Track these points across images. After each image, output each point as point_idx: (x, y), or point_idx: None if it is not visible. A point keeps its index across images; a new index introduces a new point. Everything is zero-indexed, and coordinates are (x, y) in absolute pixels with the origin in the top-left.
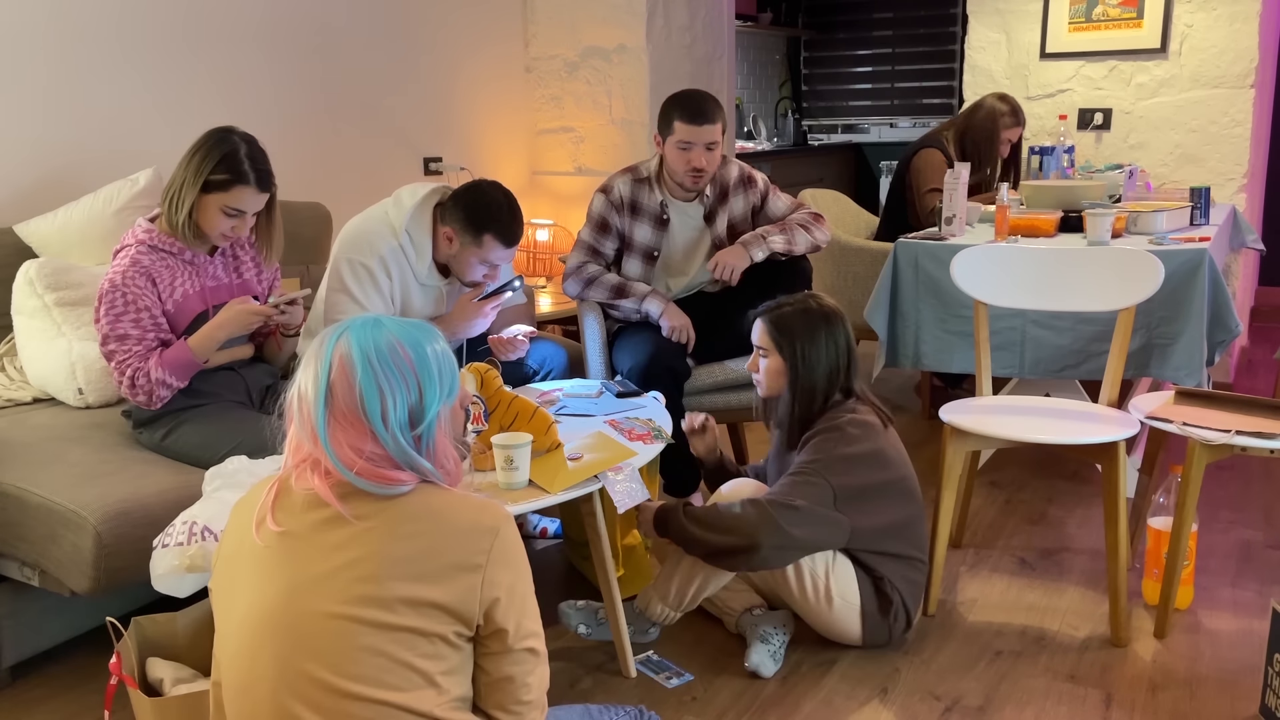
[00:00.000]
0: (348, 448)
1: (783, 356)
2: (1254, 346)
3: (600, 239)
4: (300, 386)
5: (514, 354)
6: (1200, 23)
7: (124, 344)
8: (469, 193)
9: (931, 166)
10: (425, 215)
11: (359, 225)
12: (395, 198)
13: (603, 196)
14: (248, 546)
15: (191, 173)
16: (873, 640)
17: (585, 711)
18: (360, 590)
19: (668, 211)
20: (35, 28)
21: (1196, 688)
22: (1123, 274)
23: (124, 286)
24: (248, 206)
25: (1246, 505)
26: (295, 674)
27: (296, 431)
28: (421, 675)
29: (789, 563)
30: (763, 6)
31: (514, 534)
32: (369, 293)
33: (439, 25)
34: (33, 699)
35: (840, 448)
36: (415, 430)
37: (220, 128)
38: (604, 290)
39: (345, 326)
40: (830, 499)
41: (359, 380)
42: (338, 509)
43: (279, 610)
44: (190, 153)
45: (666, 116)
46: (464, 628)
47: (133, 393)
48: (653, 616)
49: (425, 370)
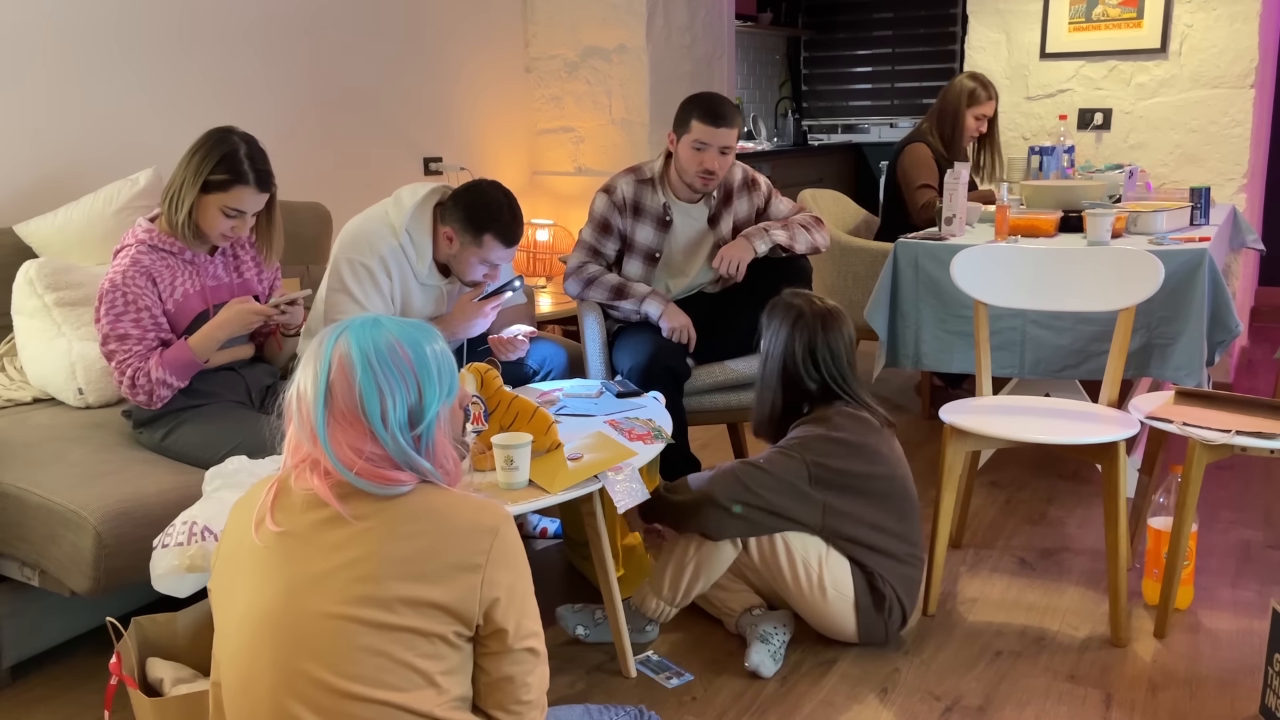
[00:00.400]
0: (347, 448)
1: (757, 347)
2: (1254, 346)
3: (601, 239)
4: (299, 386)
5: (514, 354)
6: (1200, 23)
7: (124, 344)
8: (469, 193)
9: (917, 163)
10: (425, 215)
11: (359, 225)
12: (395, 198)
13: (605, 197)
14: (247, 546)
15: (191, 173)
16: (868, 636)
17: (585, 711)
18: (359, 590)
19: (670, 213)
20: (36, 28)
21: (1196, 688)
22: (1123, 274)
23: (124, 286)
24: (247, 207)
25: (1246, 505)
26: (294, 674)
27: (295, 431)
28: (421, 675)
29: (759, 531)
30: (763, 6)
31: (514, 534)
32: (369, 293)
33: (439, 25)
34: (33, 699)
35: (821, 429)
36: (415, 430)
37: (220, 128)
38: (604, 291)
39: (344, 326)
40: (804, 475)
41: (358, 380)
42: (337, 509)
43: (278, 610)
44: (190, 153)
45: (685, 115)
46: (463, 628)
47: (133, 392)
48: (649, 613)
49: (425, 370)
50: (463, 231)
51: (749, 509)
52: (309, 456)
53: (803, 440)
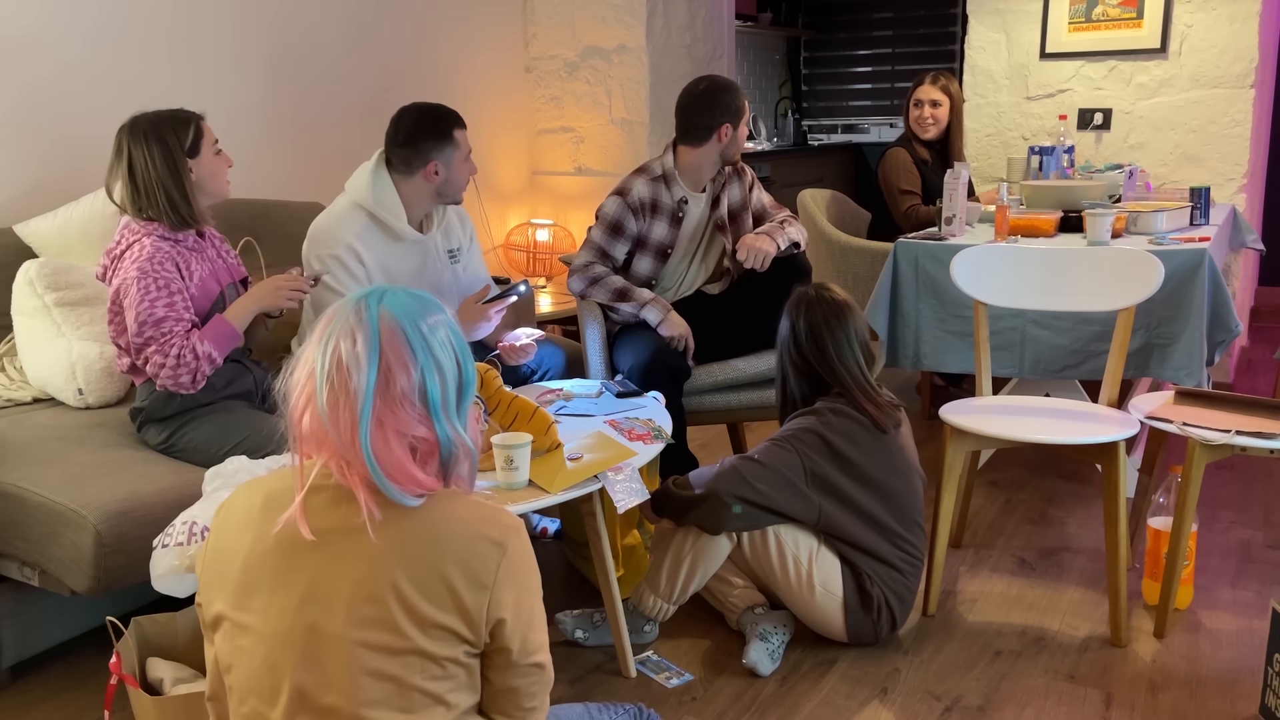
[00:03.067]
0: (392, 434)
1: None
2: (1254, 346)
3: (611, 241)
4: (327, 366)
5: (524, 359)
6: (1200, 23)
7: (162, 326)
8: (405, 125)
9: (896, 168)
10: (382, 180)
11: (319, 223)
12: (346, 186)
13: (619, 200)
14: (240, 562)
15: (163, 160)
16: (857, 637)
17: (585, 710)
18: (366, 611)
19: (684, 208)
20: (35, 28)
21: (1196, 688)
22: (1123, 274)
23: (155, 272)
24: (215, 134)
25: (1246, 505)
26: (306, 701)
27: (318, 422)
28: (430, 696)
29: (756, 523)
30: (763, 6)
31: (523, 547)
32: (345, 281)
33: (439, 25)
34: (33, 699)
35: (817, 426)
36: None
37: (130, 122)
38: (606, 292)
39: (376, 294)
40: (801, 473)
41: (417, 357)
42: (360, 512)
43: (296, 631)
44: (139, 152)
45: (739, 104)
46: (471, 646)
47: (176, 374)
48: (647, 611)
49: (462, 345)
50: (438, 148)
51: (748, 505)
52: (337, 452)
53: (797, 434)
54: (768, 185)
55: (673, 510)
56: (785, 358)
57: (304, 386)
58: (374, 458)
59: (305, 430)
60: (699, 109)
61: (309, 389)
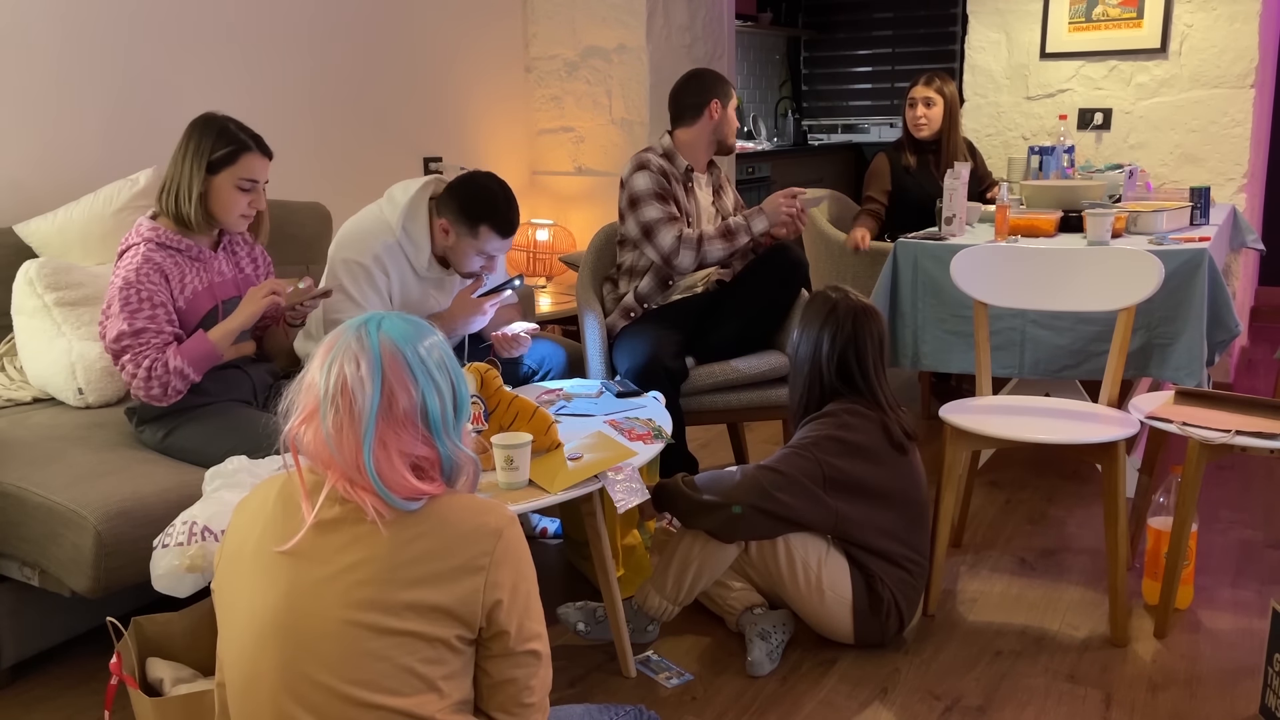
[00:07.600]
0: (396, 454)
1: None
2: (1254, 346)
3: (665, 207)
4: (330, 388)
5: (516, 351)
6: (1200, 23)
7: (140, 338)
8: (464, 184)
9: (871, 172)
10: (420, 209)
11: (353, 225)
12: (388, 196)
13: (645, 172)
14: (251, 548)
15: (192, 160)
16: (865, 639)
17: (585, 711)
18: (363, 594)
19: (692, 176)
20: (35, 28)
21: (1196, 688)
22: (1123, 274)
23: (139, 283)
24: (258, 174)
25: (1246, 505)
26: (297, 677)
27: (321, 442)
28: (422, 680)
29: (773, 533)
30: (763, 6)
31: (518, 535)
32: (366, 291)
33: (439, 25)
34: (33, 699)
35: (831, 429)
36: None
37: (201, 115)
38: (714, 243)
39: (373, 320)
40: (819, 477)
41: (417, 380)
42: (352, 508)
43: (282, 612)
44: (183, 143)
45: (726, 85)
46: (466, 631)
47: (148, 386)
48: (650, 611)
49: (455, 366)
50: (458, 223)
51: (764, 514)
52: (343, 473)
53: (815, 440)
54: (768, 185)
55: (682, 510)
56: (809, 365)
57: (306, 406)
58: (379, 476)
59: (309, 449)
60: (689, 90)
61: (310, 407)
